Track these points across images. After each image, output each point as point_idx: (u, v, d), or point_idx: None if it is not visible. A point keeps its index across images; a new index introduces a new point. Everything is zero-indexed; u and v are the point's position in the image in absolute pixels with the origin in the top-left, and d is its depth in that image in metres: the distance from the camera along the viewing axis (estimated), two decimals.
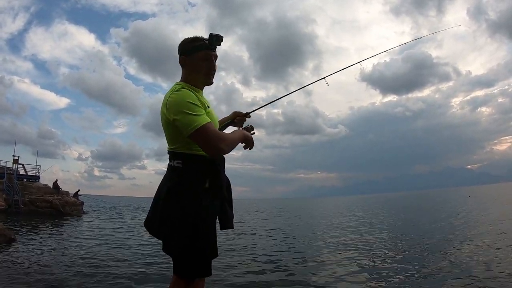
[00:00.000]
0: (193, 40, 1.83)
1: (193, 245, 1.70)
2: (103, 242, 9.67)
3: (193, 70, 1.83)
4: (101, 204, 41.11)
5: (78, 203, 23.13)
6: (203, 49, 1.81)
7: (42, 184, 24.88)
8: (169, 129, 1.76)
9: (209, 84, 1.90)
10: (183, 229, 1.70)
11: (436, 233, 10.41)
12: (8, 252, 7.45)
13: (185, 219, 1.70)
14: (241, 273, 5.86)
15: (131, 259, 7.02)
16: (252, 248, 8.75)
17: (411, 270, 5.74)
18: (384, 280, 5.19)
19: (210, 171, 1.79)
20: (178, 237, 1.71)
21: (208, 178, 1.78)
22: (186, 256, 1.71)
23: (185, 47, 1.84)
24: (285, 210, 36.29)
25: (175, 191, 1.75)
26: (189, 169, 1.76)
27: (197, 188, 1.75)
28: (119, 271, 5.91)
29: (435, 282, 4.95)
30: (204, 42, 1.82)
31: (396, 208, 29.18)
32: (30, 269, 5.86)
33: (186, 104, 1.64)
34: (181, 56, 1.85)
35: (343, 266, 6.35)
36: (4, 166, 23.46)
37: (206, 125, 1.63)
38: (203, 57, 1.82)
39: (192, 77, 1.84)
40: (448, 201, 36.27)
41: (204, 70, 1.83)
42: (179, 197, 1.73)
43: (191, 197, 1.73)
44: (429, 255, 6.98)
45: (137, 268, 6.20)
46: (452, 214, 17.36)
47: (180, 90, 1.71)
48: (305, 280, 5.35)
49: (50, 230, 12.52)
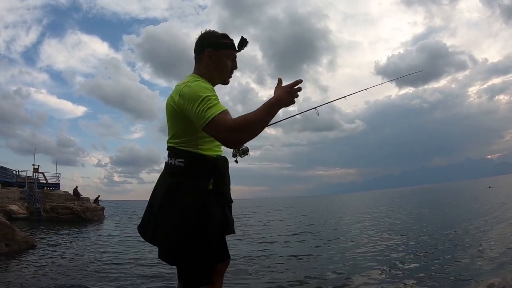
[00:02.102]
0: (223, 36, 1.73)
1: (193, 251, 1.54)
2: (124, 245, 9.82)
3: (216, 66, 1.72)
4: (122, 208, 41.85)
5: (98, 209, 23.53)
6: (232, 48, 1.74)
7: (63, 191, 25.25)
8: (177, 120, 1.62)
9: (226, 84, 1.80)
10: (182, 233, 1.54)
11: (460, 226, 9.96)
12: (30, 257, 7.62)
13: (185, 222, 1.55)
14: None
15: (148, 259, 7.08)
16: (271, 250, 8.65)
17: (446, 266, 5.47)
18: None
19: (214, 173, 1.65)
20: (177, 242, 1.55)
21: (212, 180, 1.64)
22: (187, 263, 1.56)
23: (214, 40, 1.72)
24: (295, 208, 35.87)
25: (175, 192, 1.60)
26: (192, 169, 1.62)
27: (200, 189, 1.60)
28: (139, 273, 5.97)
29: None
30: (233, 42, 1.75)
31: (417, 203, 28.18)
32: (50, 273, 6.03)
33: (204, 95, 1.49)
34: (206, 48, 1.70)
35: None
36: (25, 175, 24.02)
37: (220, 114, 1.44)
38: (230, 56, 1.74)
39: (211, 72, 1.72)
40: (468, 193, 35.26)
41: (229, 69, 1.76)
42: (179, 198, 1.58)
43: (193, 199, 1.58)
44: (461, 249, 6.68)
45: (158, 269, 6.14)
46: (474, 207, 16.79)
47: (197, 81, 1.60)
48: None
49: (71, 236, 12.80)
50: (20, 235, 8.83)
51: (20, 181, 23.14)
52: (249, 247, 8.73)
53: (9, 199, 19.42)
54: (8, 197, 19.61)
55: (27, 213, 19.31)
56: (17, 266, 6.64)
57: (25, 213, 18.98)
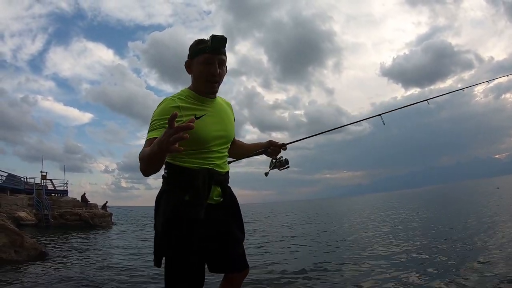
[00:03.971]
0: (198, 42, 1.66)
1: (169, 257, 1.61)
2: (132, 249, 9.79)
3: (194, 75, 1.69)
4: (130, 214, 41.83)
5: (106, 215, 23.69)
6: (203, 52, 1.62)
7: (71, 198, 25.38)
8: None
9: (212, 92, 1.71)
10: (162, 239, 1.62)
11: (469, 229, 9.27)
12: (38, 264, 7.59)
13: (165, 229, 1.61)
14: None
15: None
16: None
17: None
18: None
19: (191, 185, 1.64)
20: (158, 248, 1.65)
21: (188, 192, 1.64)
22: (166, 269, 1.62)
23: (190, 50, 1.70)
24: (308, 213, 35.37)
25: (157, 200, 1.71)
26: (171, 180, 1.69)
27: (175, 199, 1.64)
28: (147, 277, 5.89)
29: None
30: (207, 45, 1.62)
31: (426, 204, 27.08)
32: (60, 279, 5.98)
33: (154, 116, 1.58)
34: (187, 59, 1.71)
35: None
36: (33, 182, 24.21)
37: (146, 141, 1.49)
38: (203, 60, 1.63)
39: (194, 82, 1.70)
40: (477, 194, 34.16)
41: (204, 75, 1.64)
42: (161, 207, 1.67)
43: (170, 208, 1.63)
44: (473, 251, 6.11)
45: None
46: (485, 209, 15.79)
47: (166, 99, 1.64)
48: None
49: (79, 242, 12.78)
50: (29, 241, 8.79)
51: (28, 188, 23.31)
52: (269, 256, 8.11)
53: (17, 206, 19.52)
54: (17, 204, 19.72)
55: (36, 219, 19.39)
56: (26, 273, 6.60)
57: (33, 220, 19.04)
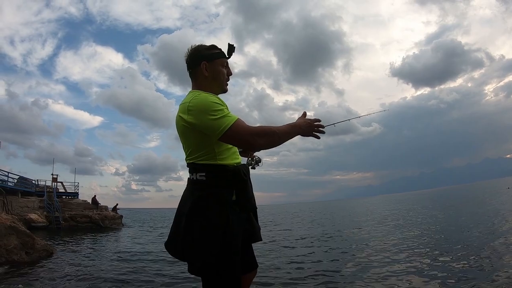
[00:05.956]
0: (213, 47, 1.79)
1: (222, 264, 1.53)
2: (142, 252, 9.82)
3: (213, 76, 1.76)
4: (140, 216, 42.04)
5: (117, 217, 23.78)
6: (222, 56, 1.79)
7: (81, 200, 25.51)
8: (191, 137, 1.63)
9: (225, 91, 1.84)
10: (210, 247, 1.52)
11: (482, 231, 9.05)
12: (49, 266, 7.62)
13: (212, 236, 1.53)
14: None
15: (168, 267, 6.99)
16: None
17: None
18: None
19: (237, 182, 1.64)
20: (205, 255, 1.52)
21: (235, 190, 1.63)
22: (214, 276, 1.54)
23: (206, 52, 1.76)
24: (321, 214, 34.95)
25: (200, 206, 1.59)
26: (214, 182, 1.61)
27: (224, 201, 1.59)
28: (156, 279, 5.95)
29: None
30: (222, 51, 1.80)
31: (437, 205, 26.77)
32: (71, 281, 6.05)
33: (211, 106, 1.56)
34: (200, 61, 1.74)
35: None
36: (44, 185, 24.31)
37: (237, 122, 1.55)
38: (222, 63, 1.79)
39: (209, 83, 1.76)
40: (488, 194, 33.69)
41: (225, 75, 1.80)
42: (204, 212, 1.57)
43: (218, 212, 1.57)
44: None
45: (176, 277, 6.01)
46: (495, 209, 15.62)
47: (201, 94, 1.63)
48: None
49: (89, 243, 12.83)
50: (40, 243, 8.92)
51: (39, 190, 23.43)
52: (276, 257, 8.03)
53: (28, 208, 19.63)
54: (28, 206, 19.83)
55: (46, 221, 19.49)
56: (37, 275, 6.61)
57: (44, 222, 19.13)
